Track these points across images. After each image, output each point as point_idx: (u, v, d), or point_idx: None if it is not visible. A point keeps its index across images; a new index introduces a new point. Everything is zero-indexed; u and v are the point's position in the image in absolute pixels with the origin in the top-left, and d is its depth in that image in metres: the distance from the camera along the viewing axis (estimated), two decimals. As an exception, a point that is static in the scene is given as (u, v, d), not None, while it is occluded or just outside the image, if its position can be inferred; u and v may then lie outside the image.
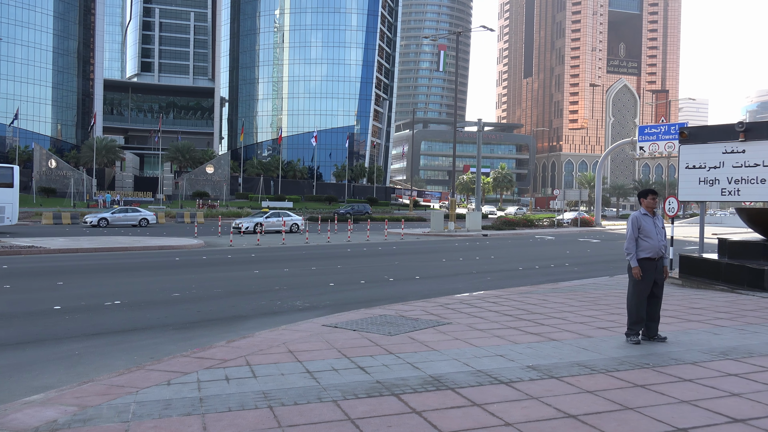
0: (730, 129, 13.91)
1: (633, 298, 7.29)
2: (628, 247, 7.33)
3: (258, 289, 12.97)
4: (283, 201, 73.98)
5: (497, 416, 4.57)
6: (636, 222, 7.34)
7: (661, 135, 50.77)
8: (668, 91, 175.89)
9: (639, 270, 7.19)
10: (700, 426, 4.38)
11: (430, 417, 4.54)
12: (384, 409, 4.73)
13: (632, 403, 4.88)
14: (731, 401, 4.97)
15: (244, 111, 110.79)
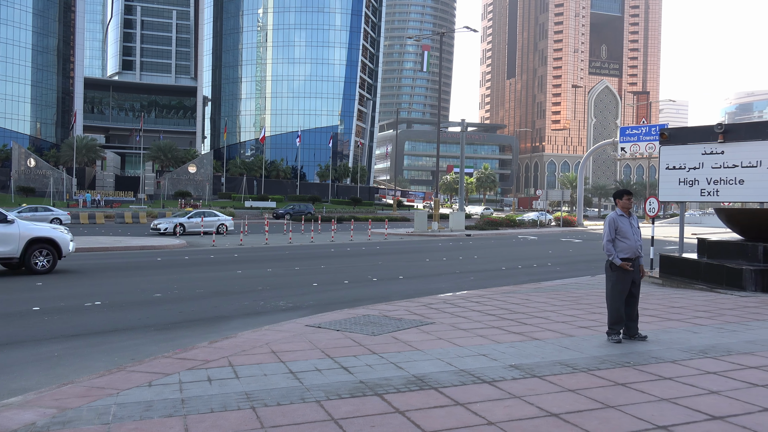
0: (709, 130, 14.10)
1: (612, 298, 7.36)
2: (608, 248, 7.38)
3: (241, 289, 12.90)
4: (266, 201, 73.68)
5: (480, 415, 4.59)
6: (613, 223, 7.40)
7: (641, 136, 51.38)
8: (649, 92, 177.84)
9: (626, 264, 7.26)
10: (680, 423, 4.43)
11: (413, 417, 4.55)
12: (367, 409, 4.73)
13: (613, 402, 4.93)
14: (710, 399, 5.04)
15: (227, 110, 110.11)
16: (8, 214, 14.50)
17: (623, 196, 7.60)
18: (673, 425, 4.39)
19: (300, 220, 50.49)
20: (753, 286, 11.89)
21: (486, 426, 4.37)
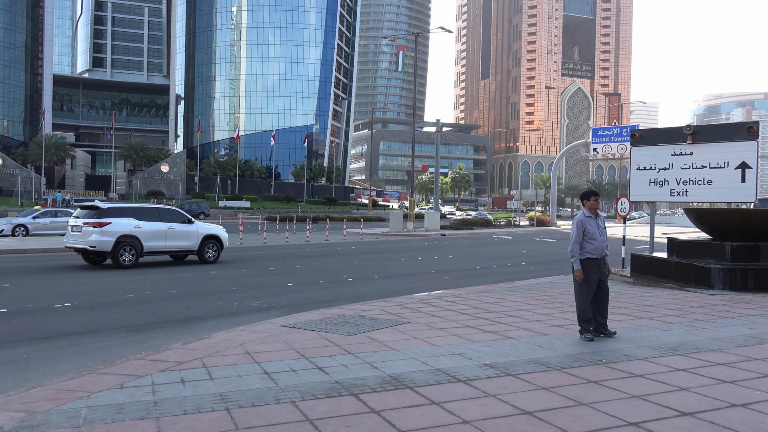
0: (678, 132, 14.38)
1: (580, 298, 7.49)
2: (573, 249, 7.47)
3: (215, 289, 12.78)
4: (241, 200, 73.09)
5: (455, 414, 4.61)
6: (581, 225, 7.50)
7: (613, 137, 52.14)
8: (620, 94, 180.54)
9: (581, 273, 7.39)
10: (651, 420, 4.51)
11: (388, 416, 4.55)
12: (343, 409, 4.72)
13: (586, 399, 5.00)
14: (680, 395, 5.14)
15: (201, 109, 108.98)
16: (190, 217, 18.34)
17: (590, 197, 7.69)
18: (644, 422, 4.47)
19: (275, 220, 50.16)
20: (721, 285, 12.15)
21: (461, 425, 4.40)
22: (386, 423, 4.41)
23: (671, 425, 4.40)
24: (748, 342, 7.37)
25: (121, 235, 16.30)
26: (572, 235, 7.54)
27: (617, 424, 4.42)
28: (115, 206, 17.32)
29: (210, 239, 18.26)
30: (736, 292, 11.94)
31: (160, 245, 17.21)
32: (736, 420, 4.51)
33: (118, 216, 16.56)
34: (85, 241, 16.15)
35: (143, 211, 17.44)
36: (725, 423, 4.44)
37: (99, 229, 16.03)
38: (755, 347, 7.09)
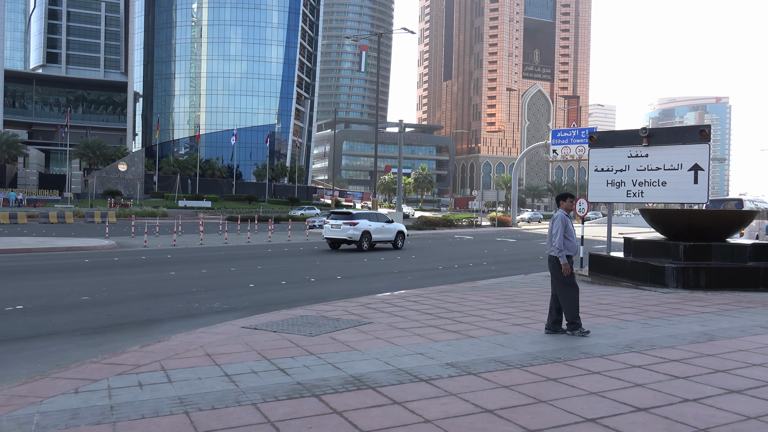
0: (634, 134, 14.74)
1: (571, 294, 7.68)
2: (560, 244, 7.66)
3: (174, 291, 12.56)
4: (201, 200, 72.01)
5: (417, 414, 4.63)
6: (564, 221, 7.75)
7: (572, 139, 53.12)
8: (579, 96, 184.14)
9: (569, 267, 7.65)
10: (607, 416, 4.61)
11: (350, 417, 4.55)
12: (304, 410, 4.69)
13: (545, 396, 5.08)
14: (635, 391, 5.26)
15: (160, 107, 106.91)
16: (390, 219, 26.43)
17: (567, 198, 8.01)
18: (601, 417, 4.56)
19: (236, 220, 49.52)
20: (675, 283, 12.50)
21: (423, 424, 4.42)
22: (348, 424, 4.40)
23: (627, 421, 4.51)
24: (700, 339, 7.60)
25: (363, 231, 24.63)
26: (557, 231, 7.69)
27: (575, 420, 4.51)
28: (359, 212, 26.10)
29: (399, 233, 26.45)
30: (689, 290, 12.31)
31: (379, 237, 25.49)
32: (689, 414, 4.65)
33: (361, 219, 24.98)
34: (345, 234, 24.52)
35: (370, 215, 25.91)
36: (678, 417, 4.57)
37: (353, 227, 24.46)
38: (707, 344, 7.31)
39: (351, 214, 25.22)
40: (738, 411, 4.74)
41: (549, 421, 4.49)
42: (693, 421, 4.49)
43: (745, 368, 6.11)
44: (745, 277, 12.58)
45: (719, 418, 4.56)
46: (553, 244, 7.74)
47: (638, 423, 4.46)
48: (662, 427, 4.37)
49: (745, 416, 4.63)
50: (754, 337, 7.72)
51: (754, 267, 12.75)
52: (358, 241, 24.39)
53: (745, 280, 12.54)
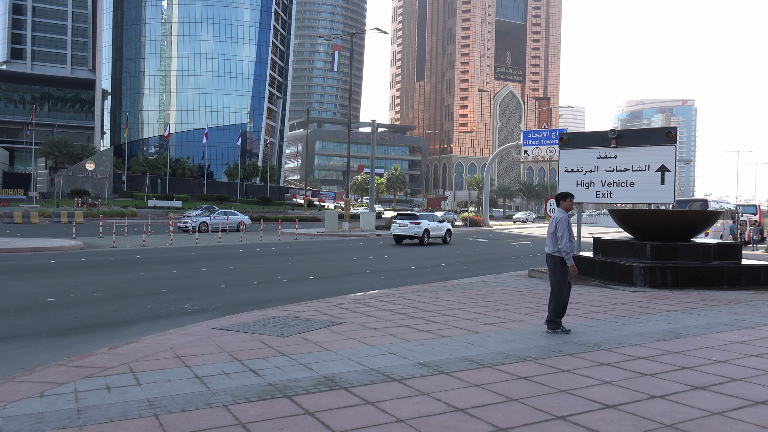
0: (603, 136, 14.98)
1: (562, 292, 7.81)
2: (568, 247, 7.68)
3: (143, 292, 12.37)
4: (172, 200, 71.03)
5: (389, 413, 4.64)
6: (568, 222, 7.81)
7: (543, 140, 53.70)
8: (550, 98, 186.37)
9: (576, 269, 7.81)
10: (577, 413, 4.67)
11: (323, 417, 4.53)
12: (276, 411, 4.66)
13: (516, 395, 5.13)
14: (604, 389, 5.35)
15: (129, 105, 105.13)
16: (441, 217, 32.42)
17: (567, 197, 8.05)
18: (570, 415, 4.63)
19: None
20: (642, 282, 12.74)
21: (395, 424, 4.43)
22: (320, 424, 4.39)
23: (596, 418, 4.58)
24: (666, 336, 7.75)
25: (425, 229, 29.88)
26: (563, 233, 7.69)
27: (546, 418, 4.56)
28: (421, 214, 32.07)
29: (448, 230, 32.05)
30: (656, 289, 12.55)
31: (434, 234, 30.78)
32: (656, 411, 4.74)
33: (423, 219, 30.45)
34: (411, 231, 29.81)
35: (428, 216, 31.54)
36: (645, 414, 4.66)
37: (418, 226, 29.77)
38: (673, 341, 7.47)
39: (416, 216, 30.87)
40: (703, 407, 4.85)
41: (520, 419, 4.54)
42: (660, 417, 4.58)
43: (710, 365, 6.25)
44: (709, 276, 12.87)
45: (685, 414, 4.66)
46: (559, 246, 7.72)
47: (607, 420, 4.53)
48: (630, 423, 4.45)
49: (710, 412, 4.74)
50: (717, 335, 7.90)
51: (719, 266, 13.06)
52: (420, 237, 29.81)
53: (709, 279, 12.84)
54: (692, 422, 4.49)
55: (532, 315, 9.35)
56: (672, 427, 4.38)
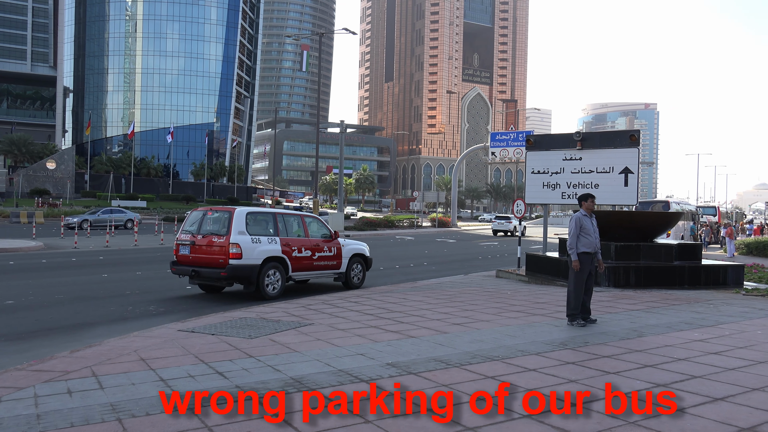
0: (569, 138, 15.22)
1: (574, 288, 8.37)
2: (572, 243, 8.37)
3: (107, 293, 12.11)
4: (136, 200, 69.73)
5: (357, 414, 4.62)
6: (579, 221, 8.46)
7: (510, 142, 54.38)
8: (517, 100, 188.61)
9: (578, 263, 8.42)
10: (543, 411, 4.73)
11: (290, 419, 4.49)
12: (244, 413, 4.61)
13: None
14: (568, 387, 5.42)
15: (92, 103, 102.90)
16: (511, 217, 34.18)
17: (588, 199, 8.72)
18: (536, 413, 4.68)
19: (173, 221, 48.20)
20: (606, 282, 12.98)
21: (363, 425, 4.42)
22: (288, 426, 4.36)
23: (563, 416, 4.64)
24: (629, 335, 7.91)
25: (513, 225, 43.51)
26: (571, 230, 8.41)
27: (512, 417, 4.61)
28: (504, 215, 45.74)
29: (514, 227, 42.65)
30: (620, 288, 12.80)
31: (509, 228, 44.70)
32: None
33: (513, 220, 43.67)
34: (506, 228, 44.63)
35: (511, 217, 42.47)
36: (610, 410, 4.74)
37: (511, 223, 44.48)
38: (636, 340, 7.62)
39: (508, 217, 46.01)
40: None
41: (488, 418, 4.57)
42: (623, 415, 4.66)
43: (671, 363, 6.40)
44: (671, 276, 13.18)
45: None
46: (567, 244, 8.50)
47: (570, 417, 4.59)
48: (595, 421, 4.53)
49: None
50: (679, 333, 8.09)
51: (680, 266, 13.38)
52: (512, 231, 44.09)
53: (671, 279, 13.15)
54: (655, 419, 4.59)
55: (499, 315, 9.44)
56: (635, 424, 4.46)
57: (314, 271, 12.75)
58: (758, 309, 10.36)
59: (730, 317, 9.46)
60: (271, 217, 12.30)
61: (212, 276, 11.32)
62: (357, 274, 13.81)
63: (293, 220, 12.75)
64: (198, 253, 11.52)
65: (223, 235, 11.26)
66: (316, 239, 12.80)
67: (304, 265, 12.39)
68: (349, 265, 13.51)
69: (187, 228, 12.02)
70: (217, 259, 11.16)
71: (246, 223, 11.49)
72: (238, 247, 11.11)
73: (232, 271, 11.03)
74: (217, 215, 11.86)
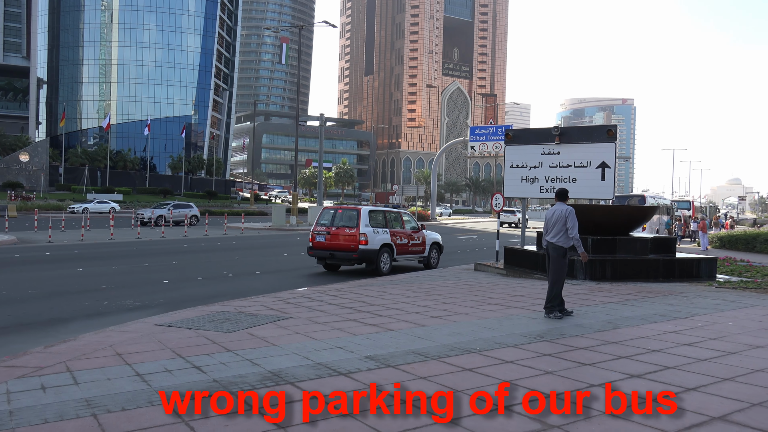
0: (547, 132, 15.33)
1: (560, 281, 8.65)
2: (576, 235, 8.70)
3: (82, 288, 11.96)
4: (112, 193, 68.79)
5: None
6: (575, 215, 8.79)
7: (489, 136, 54.60)
8: (496, 95, 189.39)
9: (586, 255, 8.95)
10: (518, 403, 4.78)
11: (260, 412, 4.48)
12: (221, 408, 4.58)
13: (461, 386, 5.20)
14: (545, 379, 5.49)
15: (66, 94, 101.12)
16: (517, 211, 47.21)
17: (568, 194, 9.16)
18: (512, 405, 4.73)
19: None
20: (583, 275, 13.13)
21: (354, 421, 4.42)
22: (265, 420, 4.34)
23: (537, 405, 4.69)
24: (605, 327, 8.02)
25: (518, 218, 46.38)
26: (574, 223, 8.74)
27: (492, 409, 4.64)
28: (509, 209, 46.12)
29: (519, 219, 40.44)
30: (596, 281, 12.96)
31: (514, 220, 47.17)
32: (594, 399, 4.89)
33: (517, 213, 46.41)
34: (511, 220, 47.73)
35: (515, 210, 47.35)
36: (585, 402, 4.80)
37: (515, 215, 47.86)
38: (611, 332, 7.73)
39: (513, 210, 48.22)
40: (639, 394, 5.03)
41: (464, 410, 4.61)
42: (598, 406, 4.73)
43: (645, 354, 6.50)
44: (646, 269, 13.38)
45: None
46: (572, 236, 8.69)
47: (548, 409, 4.65)
48: (568, 412, 4.58)
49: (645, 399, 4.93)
50: (653, 325, 8.22)
51: (654, 259, 13.58)
52: (516, 222, 46.01)
53: (646, 272, 13.34)
54: (630, 410, 4.65)
55: (477, 308, 9.50)
56: (610, 416, 4.53)
57: (408, 255, 16.32)
58: (730, 301, 10.57)
59: (703, 309, 9.63)
60: (382, 213, 15.99)
61: (345, 257, 14.99)
62: (435, 257, 17.45)
63: (395, 216, 16.32)
64: (333, 240, 15.03)
65: (353, 227, 14.92)
66: (409, 231, 16.40)
67: (403, 250, 16.01)
68: (429, 251, 17.07)
69: (322, 222, 15.49)
70: (350, 245, 14.78)
71: (369, 218, 15.22)
72: (365, 236, 14.82)
73: (361, 254, 14.76)
74: (347, 212, 15.56)
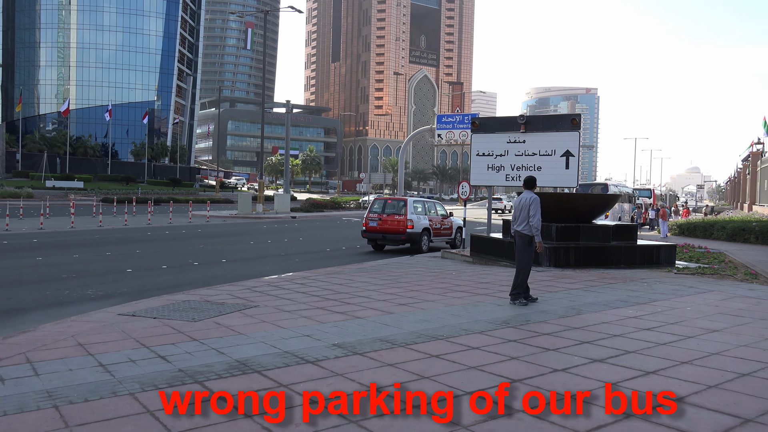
0: (513, 121, 15.47)
1: (527, 268, 8.67)
2: (538, 225, 8.55)
3: (42, 278, 11.67)
4: (72, 180, 67.11)
5: (302, 396, 4.63)
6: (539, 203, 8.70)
7: (456, 124, 54.74)
8: (463, 83, 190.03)
9: (542, 245, 8.76)
10: (486, 388, 4.85)
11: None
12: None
13: (428, 373, 5.25)
14: (511, 364, 5.58)
15: (23, 78, 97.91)
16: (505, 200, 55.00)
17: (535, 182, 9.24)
18: (479, 390, 4.80)
19: (158, 201, 46.66)
20: (548, 262, 13.34)
21: (341, 421, 4.42)
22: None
23: (504, 391, 4.77)
24: (568, 313, 8.18)
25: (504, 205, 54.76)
26: (537, 212, 8.50)
27: (456, 394, 4.70)
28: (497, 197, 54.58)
29: None
30: (560, 268, 13.18)
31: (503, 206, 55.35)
32: (558, 383, 5.00)
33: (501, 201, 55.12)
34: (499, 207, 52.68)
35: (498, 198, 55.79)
36: (548, 386, 4.90)
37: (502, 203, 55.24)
38: (574, 317, 7.89)
39: (500, 198, 51.30)
40: (601, 378, 5.16)
41: (432, 397, 4.65)
42: (561, 389, 4.83)
43: (607, 339, 6.66)
44: (608, 256, 13.66)
45: (584, 386, 4.94)
46: (532, 224, 8.56)
47: (511, 393, 4.73)
48: (534, 397, 4.66)
49: (607, 382, 5.05)
50: (615, 311, 8.42)
51: (617, 246, 13.88)
52: (503, 209, 51.82)
53: (608, 258, 13.63)
54: (591, 393, 4.76)
55: (443, 295, 9.58)
56: (573, 398, 4.62)
57: (441, 237, 19.56)
58: (688, 287, 10.88)
59: (663, 295, 9.89)
60: (422, 202, 19.30)
61: (395, 239, 18.22)
62: (459, 239, 20.53)
63: (431, 204, 19.68)
64: (384, 225, 18.17)
65: (402, 214, 18.12)
66: (440, 217, 19.60)
67: (437, 233, 19.22)
68: (455, 233, 20.31)
69: (374, 209, 18.62)
70: (399, 228, 17.98)
71: (414, 206, 18.46)
72: (412, 221, 18.08)
73: (409, 236, 18.03)
74: (396, 202, 18.68)
